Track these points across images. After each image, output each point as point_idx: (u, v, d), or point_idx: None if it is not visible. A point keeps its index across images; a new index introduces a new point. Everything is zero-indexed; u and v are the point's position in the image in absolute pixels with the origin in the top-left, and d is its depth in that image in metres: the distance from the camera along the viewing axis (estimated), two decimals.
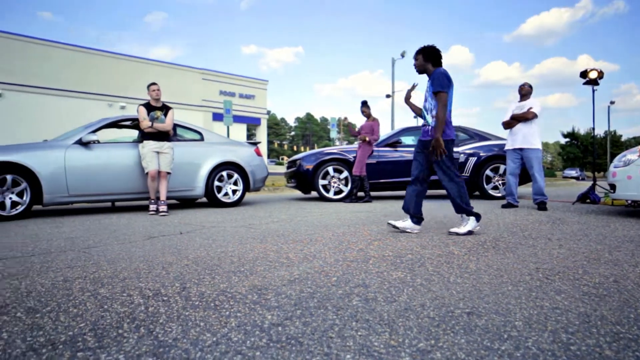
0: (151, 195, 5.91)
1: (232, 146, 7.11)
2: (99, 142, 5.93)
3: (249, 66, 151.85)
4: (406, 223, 3.94)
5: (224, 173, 6.78)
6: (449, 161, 3.73)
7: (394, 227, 3.95)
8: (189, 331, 1.58)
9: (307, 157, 8.17)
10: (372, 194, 9.15)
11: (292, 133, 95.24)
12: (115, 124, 6.62)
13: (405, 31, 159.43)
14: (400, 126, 12.07)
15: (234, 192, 6.91)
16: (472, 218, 3.77)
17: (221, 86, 34.70)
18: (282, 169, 33.39)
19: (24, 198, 5.36)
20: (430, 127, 3.80)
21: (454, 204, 3.83)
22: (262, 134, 38.33)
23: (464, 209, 3.77)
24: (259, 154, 7.37)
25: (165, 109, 6.06)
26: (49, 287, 2.19)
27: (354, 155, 7.84)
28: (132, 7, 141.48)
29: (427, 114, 3.85)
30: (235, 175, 6.89)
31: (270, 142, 62.10)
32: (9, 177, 5.22)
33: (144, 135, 5.92)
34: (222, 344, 1.47)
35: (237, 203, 6.90)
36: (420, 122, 4.08)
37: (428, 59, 3.82)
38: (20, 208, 5.33)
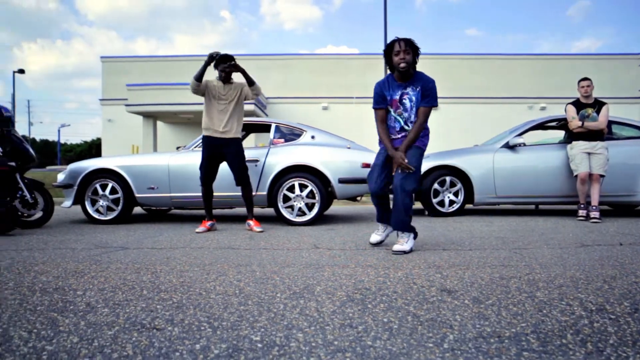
0: (580, 199, 5.49)
1: None
2: (524, 144, 5.99)
3: None
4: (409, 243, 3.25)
5: None
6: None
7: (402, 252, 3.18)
8: None
9: None
10: None
11: None
12: (541, 126, 6.50)
13: None
14: None
15: None
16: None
17: None
18: None
19: (459, 197, 6.02)
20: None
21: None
22: None
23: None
24: None
25: (597, 105, 5.51)
26: (488, 281, 2.33)
27: None
28: (553, 4, 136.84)
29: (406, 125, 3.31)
30: None
31: None
32: (447, 179, 5.98)
33: (573, 136, 5.56)
34: None
35: None
36: None
37: (415, 58, 3.17)
38: (455, 206, 6.02)
